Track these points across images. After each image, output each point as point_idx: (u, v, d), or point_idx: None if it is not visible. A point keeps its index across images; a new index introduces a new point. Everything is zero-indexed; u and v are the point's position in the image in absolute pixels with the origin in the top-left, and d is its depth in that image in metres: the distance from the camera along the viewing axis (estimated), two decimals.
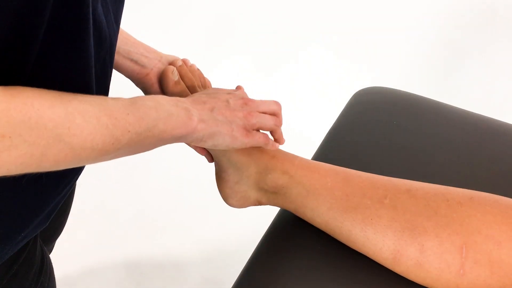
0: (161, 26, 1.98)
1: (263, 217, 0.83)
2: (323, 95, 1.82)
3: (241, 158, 0.62)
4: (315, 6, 2.16)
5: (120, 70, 0.66)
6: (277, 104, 0.62)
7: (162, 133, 0.47)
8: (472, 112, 0.86)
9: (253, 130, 0.58)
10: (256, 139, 0.58)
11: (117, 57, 0.64)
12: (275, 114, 0.61)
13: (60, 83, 0.41)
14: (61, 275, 1.23)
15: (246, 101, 0.58)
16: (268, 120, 0.59)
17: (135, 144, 0.45)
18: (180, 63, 0.68)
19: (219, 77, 0.70)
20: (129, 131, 0.43)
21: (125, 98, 0.45)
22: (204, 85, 0.69)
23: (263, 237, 0.67)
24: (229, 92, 0.59)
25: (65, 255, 1.18)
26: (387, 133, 0.79)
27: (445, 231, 0.52)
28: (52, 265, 0.65)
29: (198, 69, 0.70)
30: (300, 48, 2.02)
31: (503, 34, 2.10)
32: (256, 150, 0.62)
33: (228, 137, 0.55)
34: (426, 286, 0.54)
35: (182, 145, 0.65)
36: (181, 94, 0.64)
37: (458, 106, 0.87)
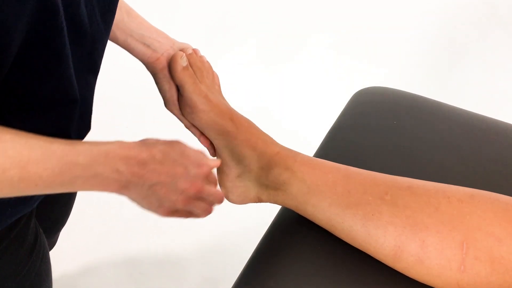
0: (161, 24, 1.97)
1: (263, 217, 0.83)
2: (323, 95, 1.82)
3: (245, 151, 0.62)
4: (315, 4, 2.16)
5: (133, 53, 0.67)
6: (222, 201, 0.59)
7: (75, 188, 0.46)
8: (472, 112, 0.86)
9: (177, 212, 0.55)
10: (174, 217, 0.56)
11: (130, 41, 0.65)
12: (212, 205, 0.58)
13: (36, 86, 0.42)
14: (60, 274, 1.23)
15: (197, 187, 0.53)
16: (198, 213, 0.57)
17: (41, 191, 0.43)
18: (190, 51, 0.68)
19: (218, 76, 0.70)
20: (36, 185, 0.41)
21: (74, 147, 0.44)
22: (213, 78, 0.70)
23: (263, 237, 0.67)
24: (196, 165, 0.53)
25: (64, 254, 1.18)
26: (387, 133, 0.79)
27: (446, 228, 0.52)
28: (47, 247, 0.65)
29: (207, 62, 0.71)
30: (300, 47, 2.02)
31: (503, 34, 2.10)
32: (261, 144, 0.62)
33: (145, 206, 0.53)
34: (427, 283, 0.54)
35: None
36: (189, 81, 0.64)
37: (458, 106, 0.87)
